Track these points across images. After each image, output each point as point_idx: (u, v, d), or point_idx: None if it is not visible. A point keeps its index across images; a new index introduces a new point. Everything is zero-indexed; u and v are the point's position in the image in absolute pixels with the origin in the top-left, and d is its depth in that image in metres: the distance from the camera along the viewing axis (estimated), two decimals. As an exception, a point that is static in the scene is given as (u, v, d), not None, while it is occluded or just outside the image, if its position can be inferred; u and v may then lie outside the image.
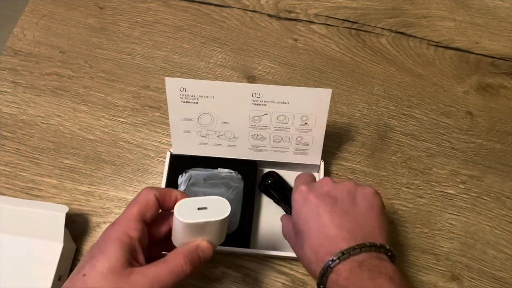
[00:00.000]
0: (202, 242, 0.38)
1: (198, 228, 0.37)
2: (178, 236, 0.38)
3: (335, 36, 0.71)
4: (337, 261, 0.38)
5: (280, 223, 0.48)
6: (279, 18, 0.72)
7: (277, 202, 0.57)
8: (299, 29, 0.71)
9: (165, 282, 0.34)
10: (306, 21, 0.72)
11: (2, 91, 0.63)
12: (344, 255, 0.38)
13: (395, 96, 0.66)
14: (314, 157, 0.55)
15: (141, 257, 0.36)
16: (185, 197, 0.39)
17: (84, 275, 0.33)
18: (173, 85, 0.50)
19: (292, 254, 0.52)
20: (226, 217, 0.38)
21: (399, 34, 0.71)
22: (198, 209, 0.37)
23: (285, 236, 0.47)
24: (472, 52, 0.70)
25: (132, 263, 0.35)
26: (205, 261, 0.38)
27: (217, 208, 0.38)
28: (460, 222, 0.58)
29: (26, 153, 0.59)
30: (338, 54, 0.69)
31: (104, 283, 0.33)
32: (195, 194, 0.53)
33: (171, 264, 0.36)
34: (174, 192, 0.40)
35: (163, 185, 0.54)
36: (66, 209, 0.50)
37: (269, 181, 0.57)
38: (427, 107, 0.65)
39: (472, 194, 0.60)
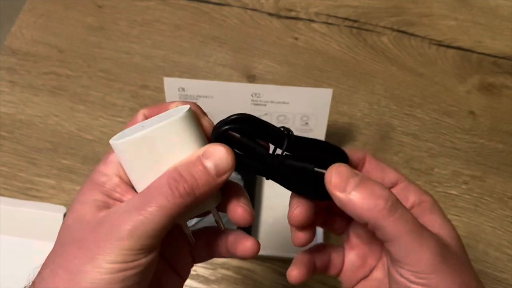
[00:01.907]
0: (208, 147, 0.27)
1: (152, 151, 0.26)
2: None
3: (336, 35, 0.70)
4: None
5: (282, 223, 0.47)
6: (279, 16, 0.71)
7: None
8: (299, 28, 0.70)
9: (137, 217, 0.24)
10: (306, 19, 0.71)
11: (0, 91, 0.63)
12: None
13: (397, 96, 0.66)
14: (315, 157, 0.55)
15: (128, 196, 0.27)
16: (188, 106, 0.28)
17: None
18: (171, 85, 0.50)
19: (292, 255, 0.51)
20: (185, 116, 0.26)
21: (400, 33, 0.71)
22: (143, 126, 0.26)
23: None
24: (474, 51, 0.70)
25: (109, 204, 0.26)
26: (225, 172, 0.26)
27: (173, 113, 0.27)
28: (462, 223, 0.57)
29: (24, 153, 0.59)
30: (339, 53, 0.69)
31: (70, 238, 0.26)
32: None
33: (151, 189, 0.26)
34: (172, 104, 0.29)
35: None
36: (64, 210, 0.50)
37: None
38: (429, 107, 0.65)
39: (474, 194, 0.59)
